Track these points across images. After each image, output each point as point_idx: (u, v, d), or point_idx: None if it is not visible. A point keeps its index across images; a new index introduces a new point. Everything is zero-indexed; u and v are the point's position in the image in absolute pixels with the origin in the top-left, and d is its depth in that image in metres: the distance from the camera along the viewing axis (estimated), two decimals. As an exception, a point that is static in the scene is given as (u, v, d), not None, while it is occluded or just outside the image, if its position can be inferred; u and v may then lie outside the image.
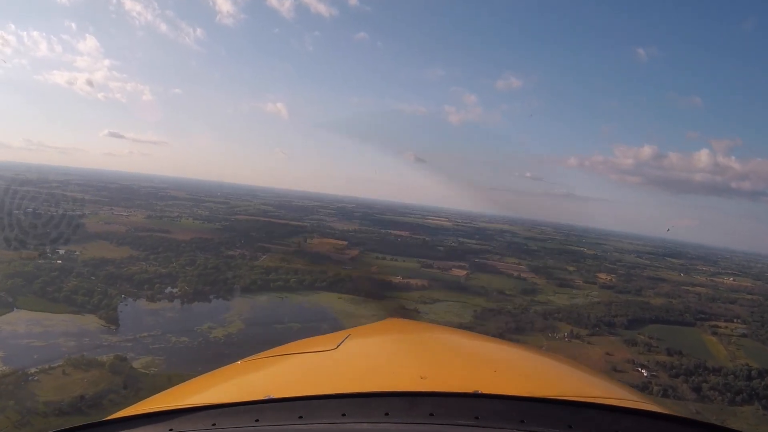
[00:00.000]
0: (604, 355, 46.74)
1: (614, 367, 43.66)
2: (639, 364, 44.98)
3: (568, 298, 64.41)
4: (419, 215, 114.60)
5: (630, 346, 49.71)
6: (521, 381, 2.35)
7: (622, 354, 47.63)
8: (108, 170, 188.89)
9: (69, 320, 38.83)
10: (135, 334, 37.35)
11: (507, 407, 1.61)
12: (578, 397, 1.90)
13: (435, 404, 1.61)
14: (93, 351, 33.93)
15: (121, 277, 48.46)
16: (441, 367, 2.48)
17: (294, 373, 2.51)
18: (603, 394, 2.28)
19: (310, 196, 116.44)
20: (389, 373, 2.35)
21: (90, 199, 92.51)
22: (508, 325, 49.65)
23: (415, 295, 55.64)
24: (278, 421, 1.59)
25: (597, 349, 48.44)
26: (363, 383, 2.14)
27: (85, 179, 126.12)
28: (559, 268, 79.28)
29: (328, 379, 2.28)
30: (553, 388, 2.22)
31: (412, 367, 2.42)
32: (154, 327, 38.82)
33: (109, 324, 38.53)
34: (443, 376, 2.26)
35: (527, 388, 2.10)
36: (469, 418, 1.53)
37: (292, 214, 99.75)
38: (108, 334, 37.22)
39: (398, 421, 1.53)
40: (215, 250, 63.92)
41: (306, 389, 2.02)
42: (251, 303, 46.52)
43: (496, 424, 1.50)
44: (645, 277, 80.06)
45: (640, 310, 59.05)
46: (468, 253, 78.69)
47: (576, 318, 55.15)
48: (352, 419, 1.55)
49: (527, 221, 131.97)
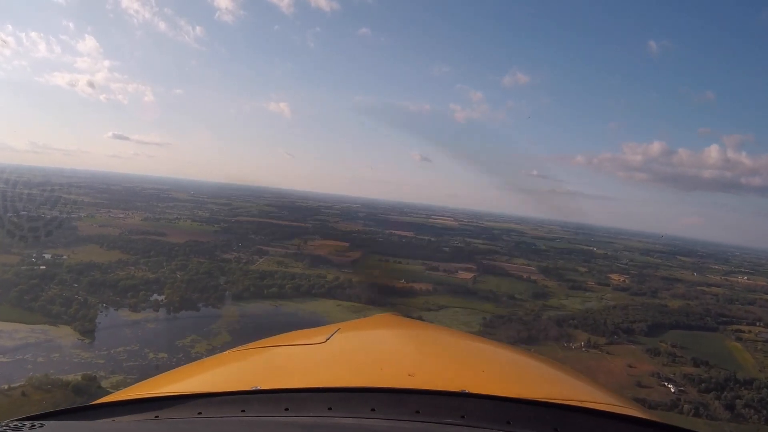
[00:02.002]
0: (626, 367, 43.44)
1: (639, 382, 40.51)
2: (665, 377, 41.52)
3: (582, 302, 61.49)
4: (424, 215, 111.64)
5: (652, 356, 46.44)
6: (509, 382, 2.31)
7: (645, 366, 44.23)
8: (113, 172, 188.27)
9: (42, 332, 36.05)
10: (110, 348, 34.40)
11: (493, 407, 1.60)
12: (565, 401, 1.83)
13: (422, 402, 1.60)
14: (60, 368, 31.06)
15: (105, 284, 45.66)
16: (429, 365, 2.44)
17: (282, 365, 2.41)
18: (590, 399, 2.19)
19: (314, 197, 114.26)
20: (377, 368, 2.28)
21: (89, 202, 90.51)
22: (520, 334, 46.10)
23: (419, 301, 52.33)
24: (264, 412, 1.57)
25: (617, 360, 44.95)
26: (350, 378, 2.12)
27: (89, 181, 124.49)
28: (569, 269, 76.64)
29: (316, 373, 2.23)
30: (540, 391, 2.16)
31: (401, 363, 2.39)
32: (132, 340, 35.82)
33: (84, 337, 35.63)
34: (431, 374, 2.21)
35: (514, 389, 2.07)
36: (456, 417, 1.52)
37: (294, 214, 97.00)
38: (81, 348, 34.31)
39: (384, 417, 1.52)
40: (210, 253, 61.13)
41: (293, 382, 1.97)
42: (241, 312, 43.35)
43: (482, 423, 1.50)
44: (658, 277, 77.31)
45: (659, 315, 56.02)
46: (475, 254, 75.38)
47: (592, 325, 51.82)
48: (338, 413, 1.54)
49: (534, 220, 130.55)
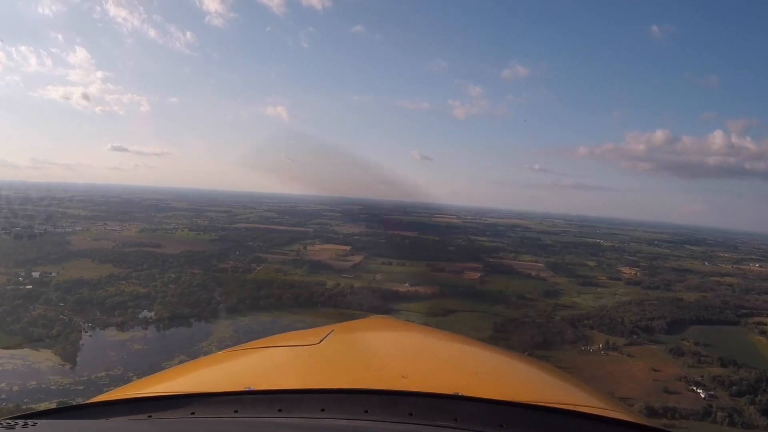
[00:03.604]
0: (651, 371, 40.27)
1: (666, 387, 37.35)
2: (692, 381, 38.31)
3: (594, 299, 58.58)
4: (427, 214, 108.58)
5: (676, 356, 43.39)
6: (502, 385, 2.28)
7: (670, 368, 41.15)
8: (114, 184, 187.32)
9: (20, 357, 33.70)
10: (91, 373, 31.95)
11: (487, 410, 1.59)
12: (558, 404, 1.81)
13: (415, 404, 1.59)
14: (35, 397, 28.64)
15: (93, 302, 43.26)
16: (422, 367, 2.42)
17: (275, 366, 2.40)
18: (582, 402, 2.14)
19: (316, 200, 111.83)
20: (371, 370, 2.28)
21: (86, 215, 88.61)
22: (534, 338, 43.16)
23: (424, 306, 49.47)
24: (257, 413, 1.57)
25: (640, 363, 41.83)
26: (344, 379, 2.11)
27: (89, 194, 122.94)
28: (578, 264, 73.67)
29: (309, 374, 2.22)
30: (533, 394, 2.15)
31: (394, 365, 2.38)
32: (116, 363, 33.38)
33: (65, 362, 33.19)
34: (424, 377, 2.18)
35: (507, 392, 2.02)
36: (449, 420, 1.52)
37: (295, 219, 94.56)
38: (60, 374, 31.88)
39: (377, 419, 1.51)
40: (205, 263, 58.65)
41: (286, 383, 1.97)
42: (235, 326, 40.83)
43: (475, 426, 1.49)
44: (669, 268, 74.25)
45: (677, 310, 52.95)
46: (480, 253, 72.40)
47: (609, 324, 48.81)
48: (331, 415, 1.54)
49: (537, 214, 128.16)
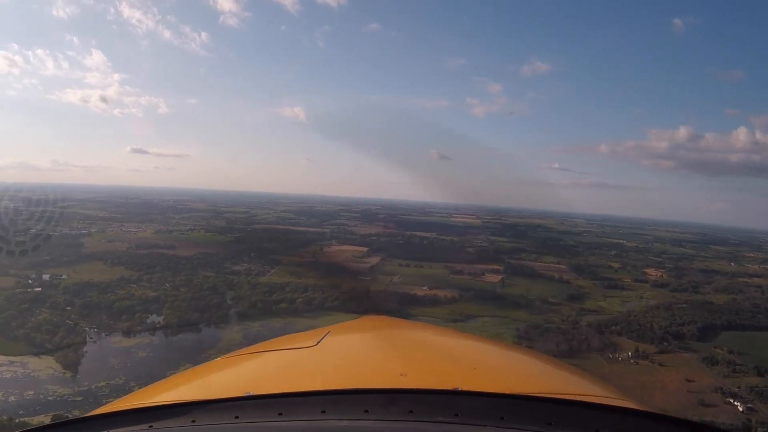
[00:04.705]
0: (684, 382, 37.76)
1: (701, 400, 34.79)
2: (729, 393, 35.56)
3: (621, 303, 55.71)
4: (445, 214, 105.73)
5: (710, 365, 40.62)
6: (501, 378, 2.31)
7: (705, 378, 38.47)
8: (135, 186, 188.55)
9: (21, 365, 32.18)
10: (91, 383, 30.18)
11: (487, 404, 1.60)
12: (558, 395, 1.84)
13: (415, 401, 1.59)
14: (31, 409, 26.95)
15: (101, 306, 41.76)
16: (421, 365, 2.43)
17: (274, 370, 2.42)
18: (583, 392, 2.21)
19: (334, 200, 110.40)
20: (369, 370, 2.30)
21: (103, 216, 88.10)
22: (560, 346, 40.28)
23: (443, 311, 46.84)
24: (258, 417, 1.57)
25: (672, 373, 39.12)
26: (343, 380, 2.11)
27: (108, 196, 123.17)
28: (601, 265, 70.50)
29: (308, 376, 2.22)
30: (533, 386, 2.17)
31: (393, 364, 2.39)
32: (119, 372, 31.55)
33: (66, 370, 31.54)
34: (423, 374, 2.21)
35: (507, 385, 2.05)
36: (449, 415, 1.52)
37: (312, 220, 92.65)
38: (59, 383, 30.17)
39: (378, 418, 1.51)
40: (219, 265, 56.97)
41: (286, 386, 1.96)
42: (245, 332, 38.70)
43: (476, 420, 1.49)
44: (696, 270, 70.73)
45: (707, 314, 49.80)
46: (501, 254, 69.24)
47: (637, 330, 46.00)
48: (331, 416, 1.54)
49: (558, 214, 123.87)
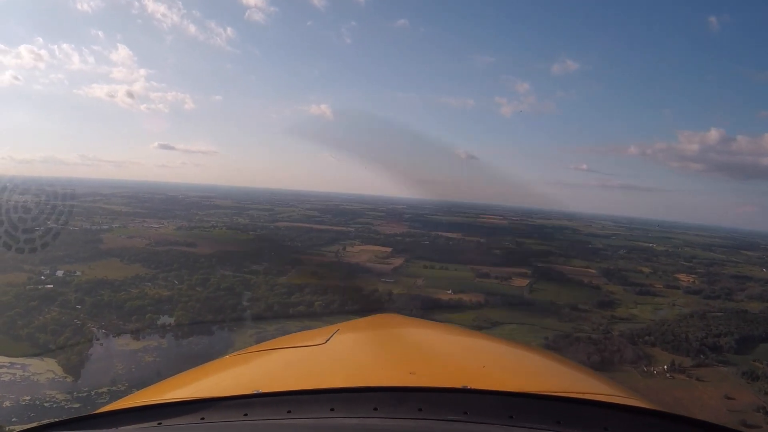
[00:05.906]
0: (724, 399, 33.90)
1: (743, 420, 30.41)
2: (772, 412, 31.91)
3: (653, 310, 52.02)
4: (473, 214, 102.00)
5: (751, 381, 36.78)
6: (510, 376, 2.29)
7: (745, 396, 34.64)
8: (162, 182, 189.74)
9: (21, 367, 30.33)
10: (92, 389, 27.99)
11: (496, 402, 1.59)
12: (567, 393, 1.81)
13: (423, 399, 1.58)
14: (25, 416, 24.84)
15: (112, 305, 39.87)
16: (430, 363, 2.42)
17: (283, 368, 2.42)
18: (592, 390, 2.18)
19: (360, 199, 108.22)
20: (378, 368, 2.30)
21: (127, 212, 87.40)
22: (591, 357, 36.66)
23: (469, 317, 43.31)
24: (267, 415, 1.57)
25: (710, 389, 35.42)
26: (352, 378, 2.12)
27: (134, 191, 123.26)
28: (632, 270, 66.23)
29: (317, 374, 2.21)
30: (541, 384, 2.16)
31: (401, 362, 2.38)
32: (122, 378, 29.29)
33: (67, 374, 29.47)
34: (432, 372, 2.20)
35: (516, 383, 2.05)
36: (458, 413, 1.51)
37: (337, 218, 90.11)
38: (58, 388, 28.13)
39: (387, 416, 1.51)
40: (237, 264, 54.76)
41: (295, 384, 1.95)
42: (259, 336, 36.13)
43: (485, 419, 1.49)
44: (728, 276, 66.07)
45: (744, 324, 45.81)
46: (528, 256, 65.14)
47: (672, 341, 41.98)
48: (340, 414, 1.54)
49: (585, 216, 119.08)
